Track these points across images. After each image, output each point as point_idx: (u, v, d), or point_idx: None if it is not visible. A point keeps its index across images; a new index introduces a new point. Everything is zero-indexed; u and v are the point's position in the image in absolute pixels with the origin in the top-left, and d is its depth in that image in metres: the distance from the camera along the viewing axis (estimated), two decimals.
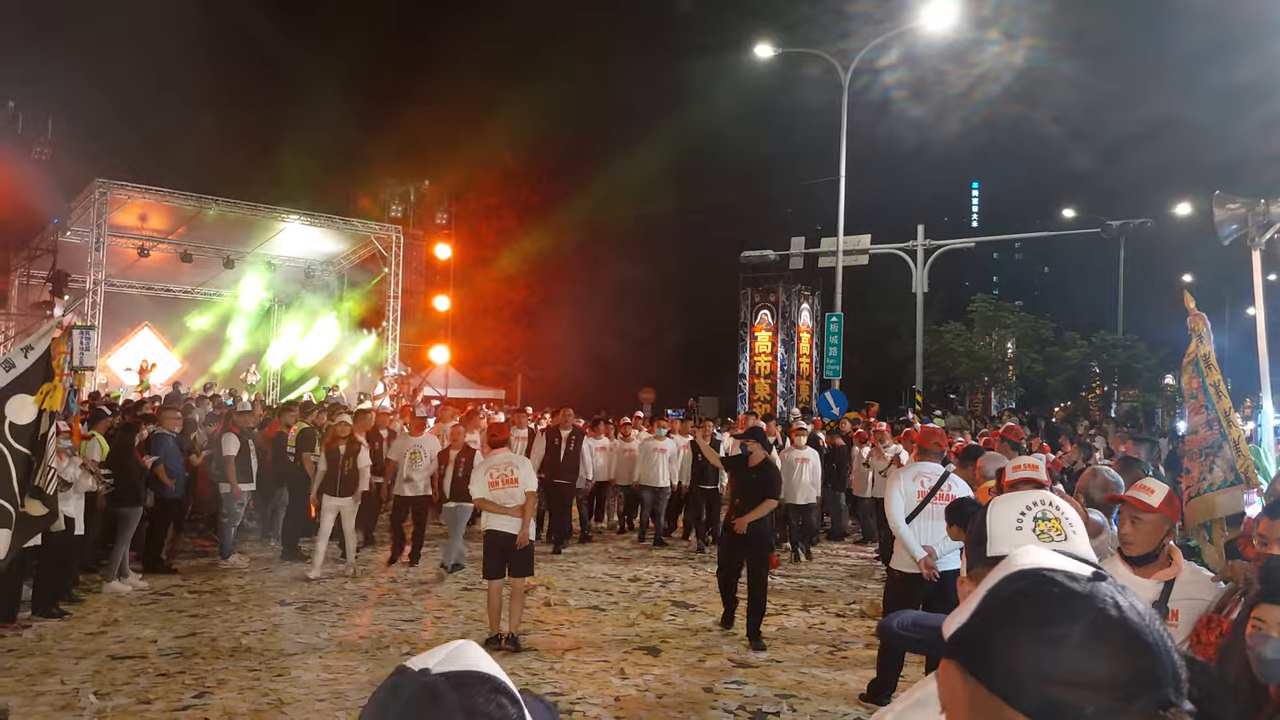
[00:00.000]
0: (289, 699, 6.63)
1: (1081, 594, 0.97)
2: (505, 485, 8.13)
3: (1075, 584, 0.99)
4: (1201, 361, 4.86)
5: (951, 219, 67.16)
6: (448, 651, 1.05)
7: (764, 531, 8.56)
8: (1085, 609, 0.96)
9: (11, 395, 4.20)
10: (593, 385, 34.10)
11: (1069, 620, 0.95)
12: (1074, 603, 0.97)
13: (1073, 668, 0.93)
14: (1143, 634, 0.95)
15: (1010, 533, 1.72)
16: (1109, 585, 0.99)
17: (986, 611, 1.02)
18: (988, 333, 36.39)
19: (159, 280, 25.34)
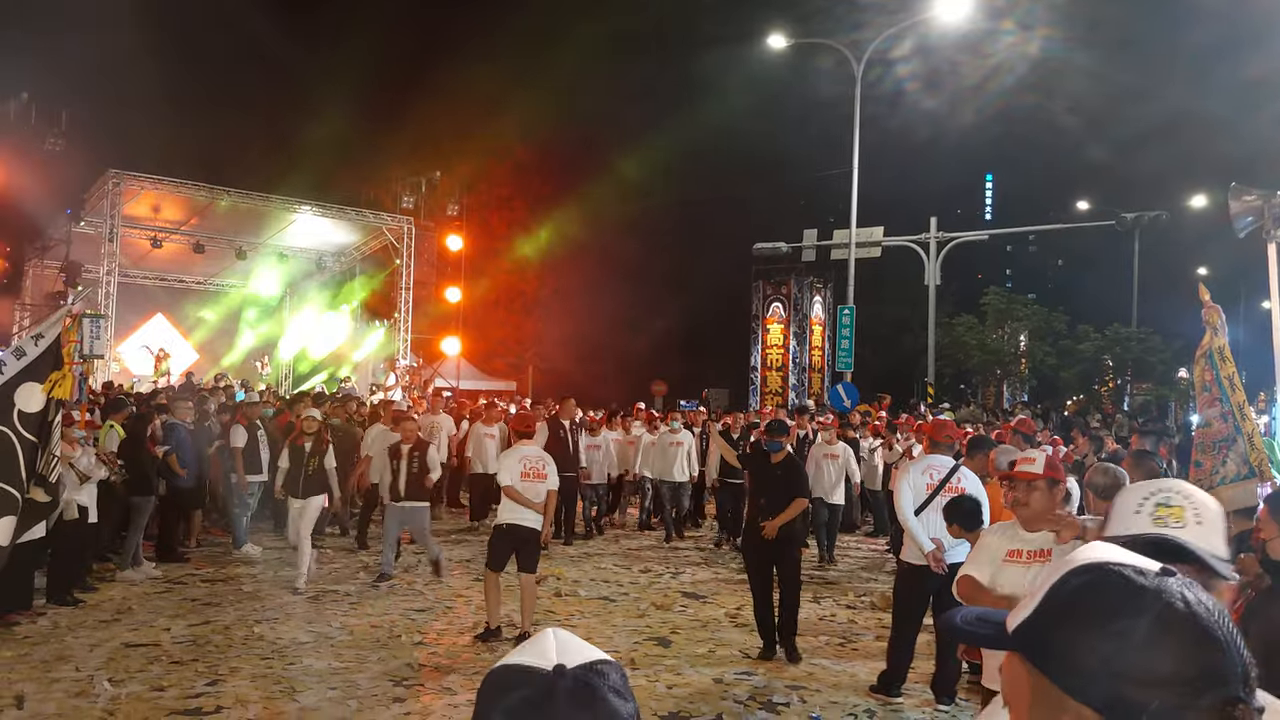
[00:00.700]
0: (301, 687, 6.66)
1: (1147, 588, 0.98)
2: (535, 479, 8.08)
3: (1141, 578, 0.99)
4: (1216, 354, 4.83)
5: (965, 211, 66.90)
6: (556, 643, 0.99)
7: (795, 532, 7.89)
8: (1151, 603, 0.96)
9: (22, 383, 4.22)
10: (604, 377, 34.11)
11: (1135, 614, 0.96)
12: (1140, 597, 0.97)
13: (1138, 662, 0.94)
14: (1210, 630, 0.95)
15: (1129, 515, 1.73)
16: (1176, 581, 0.99)
17: (1051, 605, 1.02)
18: (1000, 325, 36.25)
19: (172, 271, 25.43)
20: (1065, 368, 35.47)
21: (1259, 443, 4.90)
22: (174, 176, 20.95)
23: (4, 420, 4.17)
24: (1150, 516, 1.67)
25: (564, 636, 1.00)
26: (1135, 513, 1.69)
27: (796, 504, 7.72)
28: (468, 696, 6.57)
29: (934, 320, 25.98)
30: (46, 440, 4.30)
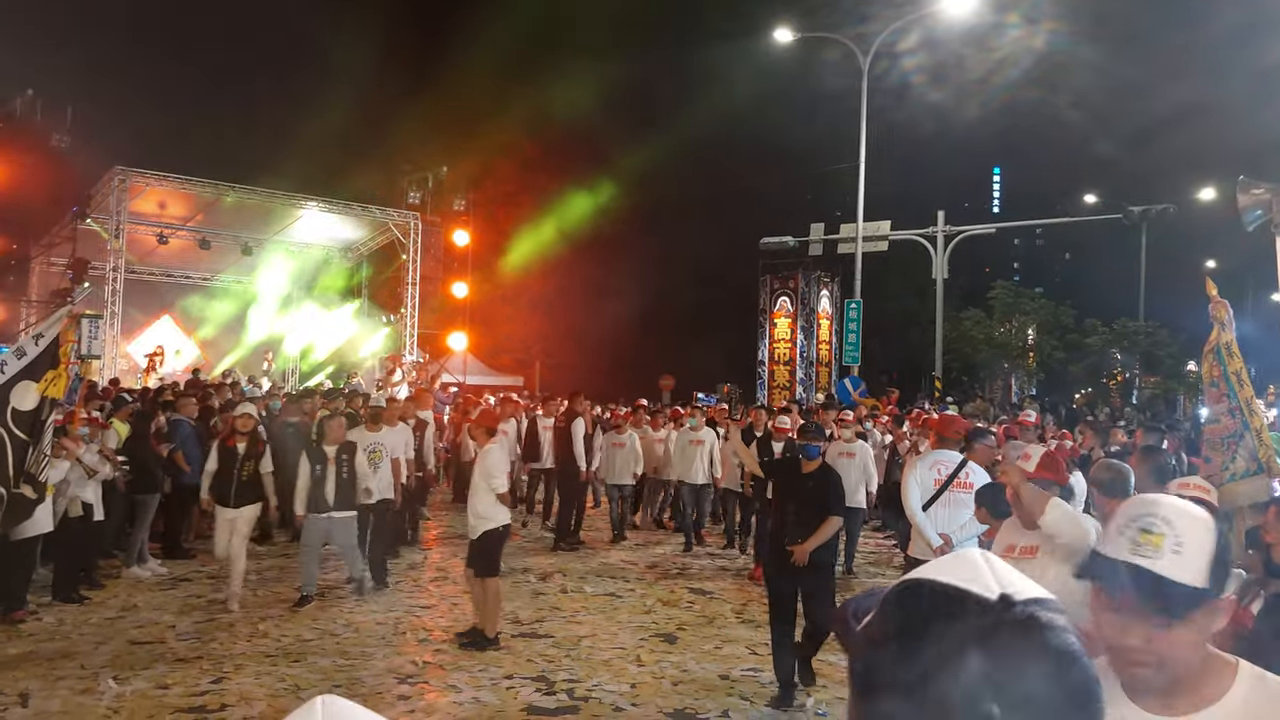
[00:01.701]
0: (305, 684, 6.65)
1: (962, 617, 0.82)
2: (509, 478, 8.25)
3: (962, 605, 0.84)
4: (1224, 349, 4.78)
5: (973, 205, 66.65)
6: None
7: (827, 556, 6.70)
8: (959, 633, 0.81)
9: (18, 382, 4.23)
10: (611, 373, 34.11)
11: (937, 641, 0.82)
12: (951, 624, 0.82)
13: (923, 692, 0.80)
14: (1026, 669, 0.79)
15: (1114, 535, 1.67)
16: (1012, 613, 0.82)
17: (876, 617, 0.89)
18: (1008, 319, 36.14)
19: (178, 267, 25.45)
20: (1073, 361, 35.35)
21: (1267, 438, 4.86)
22: (180, 173, 20.96)
23: None
24: (1130, 541, 1.62)
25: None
26: (1119, 534, 1.64)
27: (830, 524, 6.52)
28: (473, 694, 6.55)
29: (942, 314, 25.90)
30: (38, 438, 4.30)
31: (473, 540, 7.86)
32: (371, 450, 9.67)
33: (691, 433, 12.72)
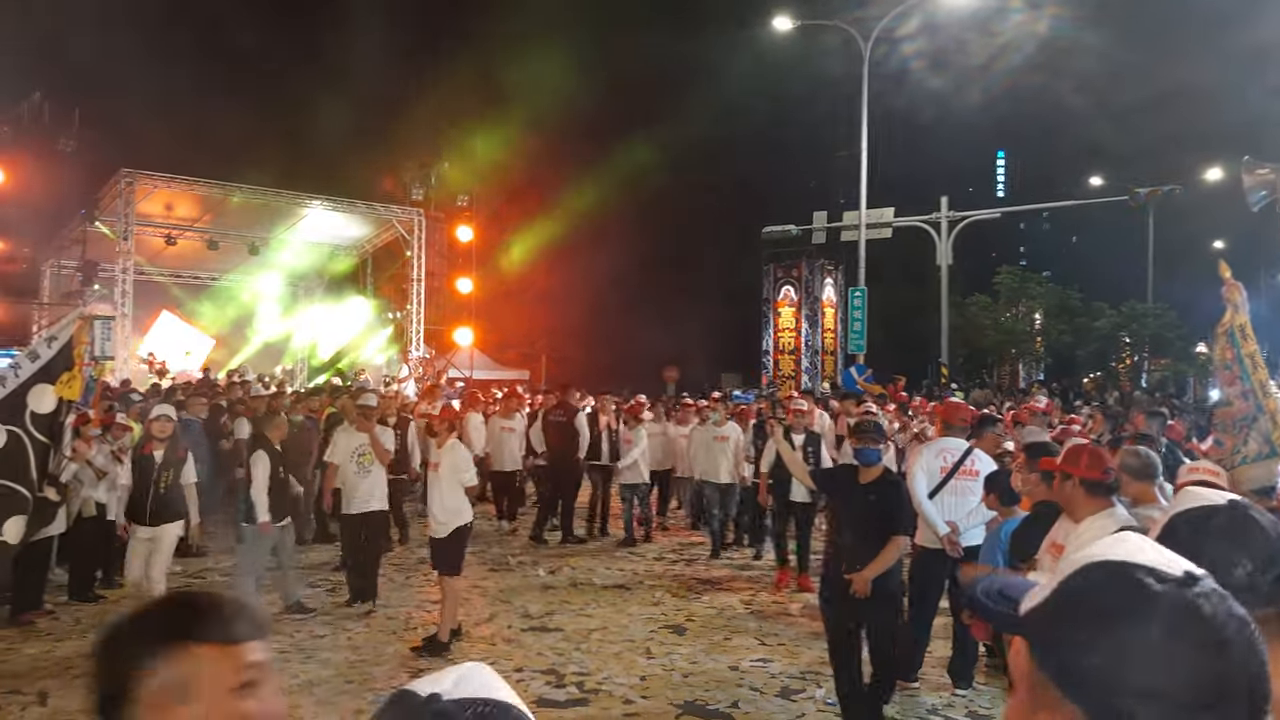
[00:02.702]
0: (318, 680, 6.70)
1: (1160, 594, 0.91)
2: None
3: (1157, 584, 0.91)
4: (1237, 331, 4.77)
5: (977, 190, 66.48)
6: (458, 675, 0.95)
7: (891, 582, 5.67)
8: (1160, 611, 0.89)
9: (34, 384, 4.26)
10: (616, 364, 34.10)
11: (1140, 621, 0.89)
12: (1149, 603, 0.90)
13: (1134, 672, 0.88)
14: (1221, 646, 0.88)
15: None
16: (1196, 590, 0.91)
17: (1060, 597, 0.96)
18: (1014, 304, 36.05)
19: (187, 268, 25.52)
20: (1081, 345, 35.27)
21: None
22: (186, 174, 21.02)
23: (16, 421, 4.21)
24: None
25: (484, 675, 0.97)
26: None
27: (895, 545, 5.56)
28: None
29: (947, 300, 25.85)
30: (58, 441, 4.34)
31: (439, 539, 7.68)
32: (361, 453, 8.88)
33: (715, 429, 11.75)
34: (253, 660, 1.29)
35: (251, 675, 1.28)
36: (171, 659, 1.25)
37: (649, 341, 34.81)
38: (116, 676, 1.25)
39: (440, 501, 7.70)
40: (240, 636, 1.29)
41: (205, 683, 1.25)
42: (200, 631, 1.27)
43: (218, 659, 1.26)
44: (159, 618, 1.31)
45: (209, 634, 1.27)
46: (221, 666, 1.26)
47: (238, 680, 1.27)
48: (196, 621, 1.28)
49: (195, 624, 1.28)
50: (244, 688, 1.27)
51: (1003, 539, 5.25)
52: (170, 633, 1.27)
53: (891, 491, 5.72)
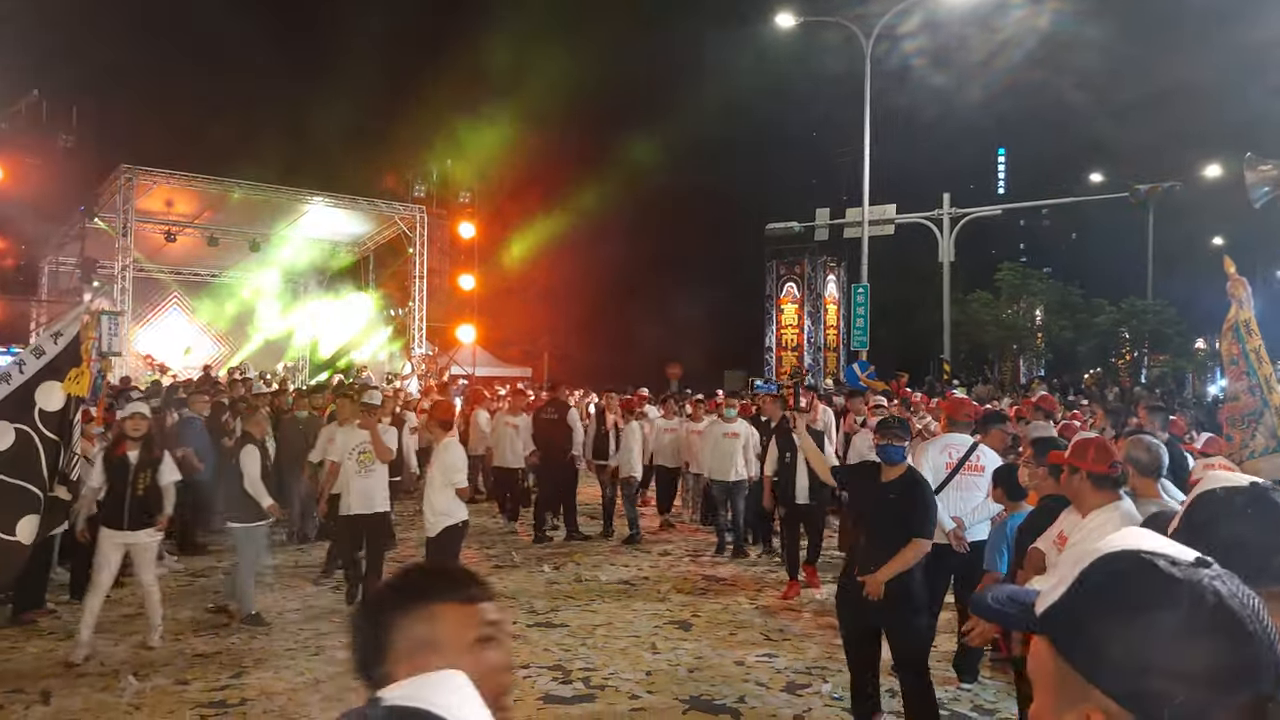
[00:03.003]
0: (324, 677, 6.69)
1: (1180, 579, 0.94)
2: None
3: (1174, 569, 0.95)
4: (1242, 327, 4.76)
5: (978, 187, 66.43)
6: (423, 682, 1.01)
7: (909, 584, 5.29)
8: (1184, 595, 0.93)
9: (42, 381, 4.24)
10: (619, 361, 34.11)
11: (1166, 606, 0.93)
12: (1172, 588, 0.94)
13: (1166, 655, 0.91)
14: (1244, 624, 0.92)
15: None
16: (1211, 573, 0.95)
17: (1080, 591, 1.00)
18: (1015, 300, 36.07)
19: (187, 265, 25.52)
20: (1081, 341, 35.28)
21: None
22: (186, 170, 21.00)
23: (25, 419, 4.19)
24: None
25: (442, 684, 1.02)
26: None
27: (914, 548, 5.23)
28: None
29: (949, 296, 25.85)
30: (68, 438, 4.32)
31: (430, 537, 7.64)
32: (361, 451, 8.56)
33: (725, 424, 11.47)
34: (489, 618, 1.50)
35: (488, 631, 1.49)
36: (421, 617, 1.46)
37: (652, 338, 34.83)
38: (375, 634, 1.47)
39: (430, 502, 7.66)
40: (478, 597, 1.51)
41: (450, 637, 1.46)
42: (444, 594, 1.50)
43: (460, 616, 1.48)
44: (410, 583, 1.53)
45: (452, 595, 1.50)
46: (463, 623, 1.48)
47: (478, 634, 1.48)
48: (441, 585, 1.51)
49: (440, 588, 1.51)
50: (483, 641, 1.48)
51: (1009, 533, 5.25)
52: (420, 595, 1.49)
53: (913, 492, 5.39)
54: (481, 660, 1.45)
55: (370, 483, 8.57)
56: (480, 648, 1.47)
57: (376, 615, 1.50)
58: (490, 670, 1.45)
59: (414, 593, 1.50)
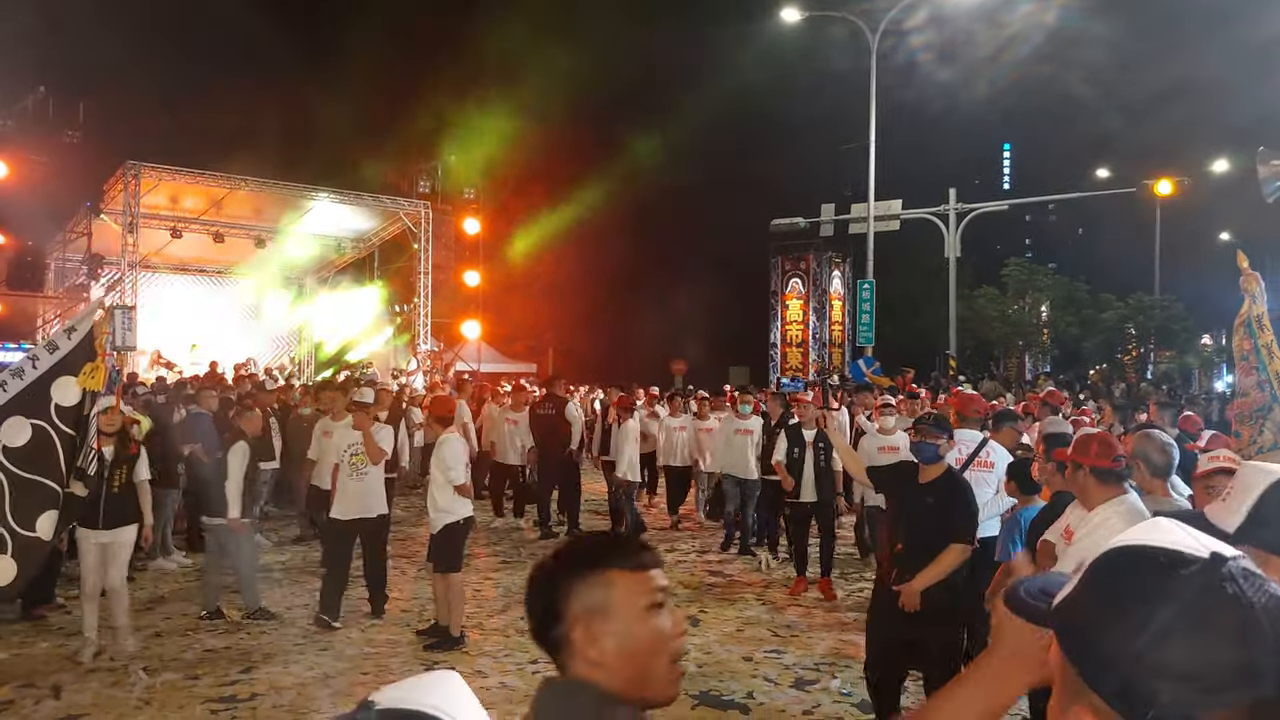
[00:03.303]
0: (333, 672, 6.71)
1: (1180, 577, 0.90)
2: (468, 469, 7.86)
3: (1177, 565, 0.91)
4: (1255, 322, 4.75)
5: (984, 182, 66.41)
6: (416, 683, 1.01)
7: (946, 595, 4.93)
8: (1180, 591, 0.89)
9: (57, 377, 4.25)
10: (623, 357, 34.11)
11: (1160, 601, 0.89)
12: (1170, 583, 0.90)
13: (1155, 652, 0.87)
14: (1245, 624, 0.87)
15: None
16: (1224, 570, 0.90)
17: (1083, 586, 0.98)
18: (1021, 296, 36.01)
19: (193, 261, 25.52)
20: (1088, 337, 35.21)
21: None
22: (192, 166, 21.01)
23: (42, 414, 4.20)
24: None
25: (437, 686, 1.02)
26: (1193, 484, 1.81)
27: (952, 553, 4.93)
28: (500, 679, 6.60)
29: (955, 292, 25.81)
30: (84, 434, 4.34)
31: (433, 534, 7.63)
32: (354, 452, 8.00)
33: (739, 421, 11.30)
34: (659, 584, 1.54)
35: (659, 597, 1.52)
36: (594, 583, 1.51)
37: (656, 334, 34.84)
38: (550, 600, 1.52)
39: (432, 498, 7.65)
40: (648, 564, 1.55)
41: (622, 603, 1.50)
42: (616, 561, 1.53)
43: (631, 583, 1.52)
44: (584, 550, 1.58)
45: (623, 562, 1.53)
46: (635, 589, 1.51)
47: (649, 600, 1.51)
48: (613, 553, 1.55)
49: (612, 554, 1.55)
50: (653, 607, 1.51)
51: (1022, 526, 5.25)
52: (592, 562, 1.53)
53: (953, 493, 5.05)
54: (653, 625, 1.50)
55: (365, 485, 8.02)
56: (652, 613, 1.51)
57: (551, 581, 1.55)
58: (663, 635, 1.50)
59: (588, 560, 1.54)
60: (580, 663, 1.49)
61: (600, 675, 1.48)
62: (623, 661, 1.47)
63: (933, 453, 5.07)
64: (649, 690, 1.49)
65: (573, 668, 1.50)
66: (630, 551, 1.56)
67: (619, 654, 1.47)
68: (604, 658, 1.47)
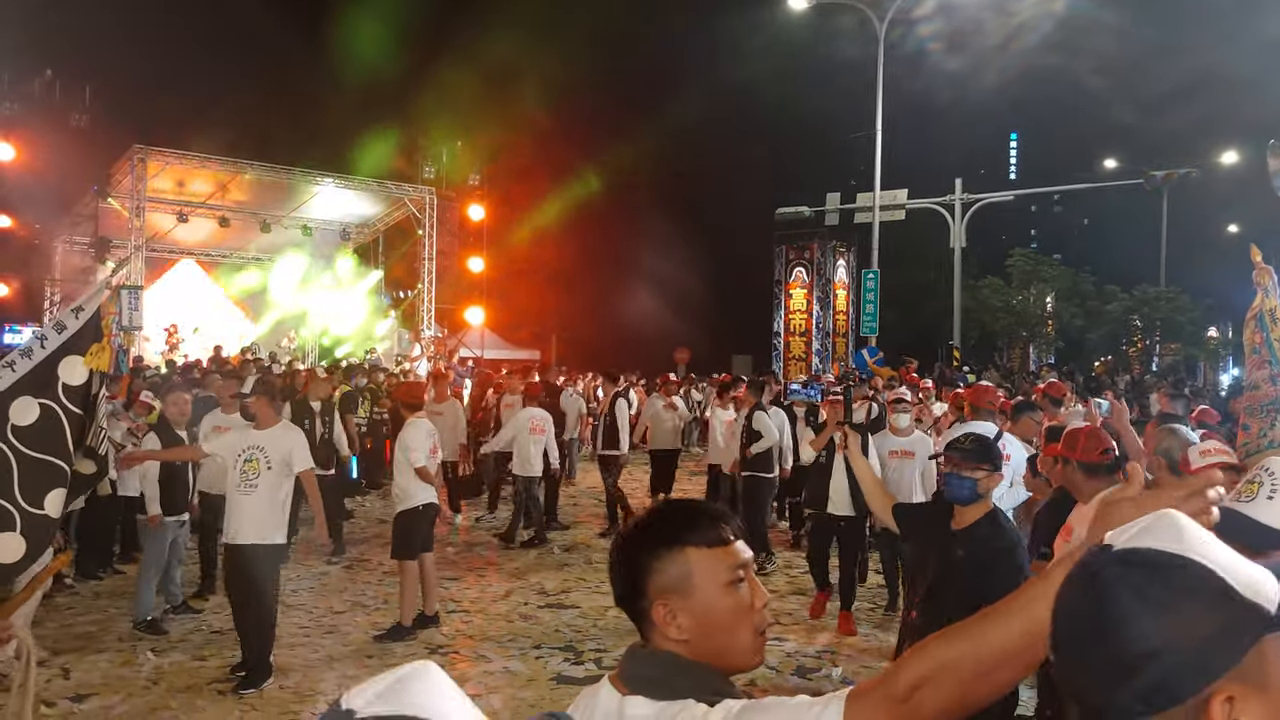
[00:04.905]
0: (339, 656, 6.76)
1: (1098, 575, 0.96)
2: (434, 454, 7.61)
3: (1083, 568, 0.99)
4: (1267, 316, 4.72)
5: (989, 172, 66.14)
6: (392, 680, 0.92)
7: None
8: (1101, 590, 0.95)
9: (64, 356, 4.27)
10: (627, 345, 34.12)
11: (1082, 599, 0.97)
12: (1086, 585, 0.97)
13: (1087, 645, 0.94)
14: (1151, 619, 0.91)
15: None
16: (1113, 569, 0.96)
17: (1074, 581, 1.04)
18: (1026, 287, 35.94)
19: (198, 245, 25.56)
20: (1093, 329, 35.15)
21: None
22: (198, 151, 21.02)
23: (50, 394, 4.22)
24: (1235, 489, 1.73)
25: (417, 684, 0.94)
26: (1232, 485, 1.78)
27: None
28: (503, 664, 6.64)
29: (960, 283, 25.78)
30: (92, 413, 4.36)
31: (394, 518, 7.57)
32: (249, 458, 6.34)
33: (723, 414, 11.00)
34: (739, 559, 1.53)
35: (739, 573, 1.52)
36: (673, 559, 1.51)
37: (660, 322, 34.82)
38: (630, 577, 1.54)
39: (395, 483, 7.58)
40: (726, 539, 1.53)
41: (701, 579, 1.50)
42: (693, 537, 1.52)
43: (709, 559, 1.51)
44: (660, 527, 1.56)
45: (700, 538, 1.52)
46: (713, 564, 1.51)
47: (729, 576, 1.51)
48: (690, 528, 1.53)
49: (689, 530, 1.53)
50: (733, 583, 1.51)
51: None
52: (669, 539, 1.53)
53: (987, 550, 3.66)
54: (731, 601, 1.50)
55: (256, 502, 6.28)
56: (730, 589, 1.51)
57: (631, 558, 1.56)
58: (742, 609, 1.50)
59: (664, 536, 1.54)
60: (661, 638, 1.51)
61: (683, 649, 1.50)
62: (702, 636, 1.49)
63: (969, 491, 3.75)
64: (731, 660, 1.51)
65: (654, 640, 1.53)
66: (707, 526, 1.54)
67: (698, 630, 1.49)
68: (684, 634, 1.49)
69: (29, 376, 4.22)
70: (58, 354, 4.27)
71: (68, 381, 4.21)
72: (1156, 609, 0.92)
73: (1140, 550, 0.96)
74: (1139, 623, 0.91)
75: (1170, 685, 0.90)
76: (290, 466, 6.38)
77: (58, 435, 4.13)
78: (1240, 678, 0.91)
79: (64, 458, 4.11)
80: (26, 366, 4.25)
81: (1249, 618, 0.92)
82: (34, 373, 4.23)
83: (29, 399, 4.14)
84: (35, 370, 4.24)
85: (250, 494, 6.24)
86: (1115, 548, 0.97)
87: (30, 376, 4.22)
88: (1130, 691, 0.91)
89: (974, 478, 3.72)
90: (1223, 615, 0.91)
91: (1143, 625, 0.91)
